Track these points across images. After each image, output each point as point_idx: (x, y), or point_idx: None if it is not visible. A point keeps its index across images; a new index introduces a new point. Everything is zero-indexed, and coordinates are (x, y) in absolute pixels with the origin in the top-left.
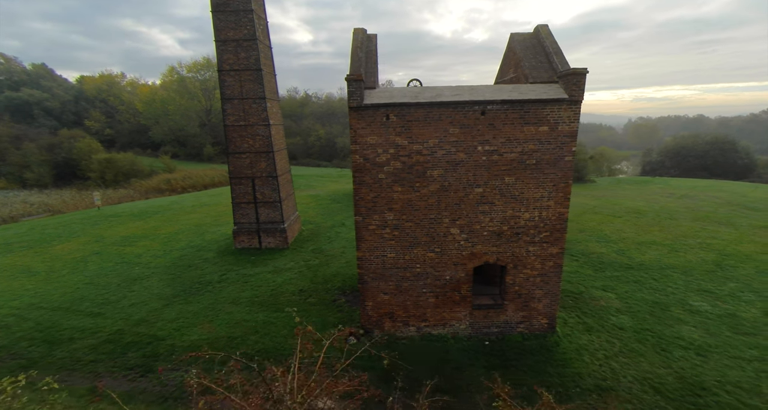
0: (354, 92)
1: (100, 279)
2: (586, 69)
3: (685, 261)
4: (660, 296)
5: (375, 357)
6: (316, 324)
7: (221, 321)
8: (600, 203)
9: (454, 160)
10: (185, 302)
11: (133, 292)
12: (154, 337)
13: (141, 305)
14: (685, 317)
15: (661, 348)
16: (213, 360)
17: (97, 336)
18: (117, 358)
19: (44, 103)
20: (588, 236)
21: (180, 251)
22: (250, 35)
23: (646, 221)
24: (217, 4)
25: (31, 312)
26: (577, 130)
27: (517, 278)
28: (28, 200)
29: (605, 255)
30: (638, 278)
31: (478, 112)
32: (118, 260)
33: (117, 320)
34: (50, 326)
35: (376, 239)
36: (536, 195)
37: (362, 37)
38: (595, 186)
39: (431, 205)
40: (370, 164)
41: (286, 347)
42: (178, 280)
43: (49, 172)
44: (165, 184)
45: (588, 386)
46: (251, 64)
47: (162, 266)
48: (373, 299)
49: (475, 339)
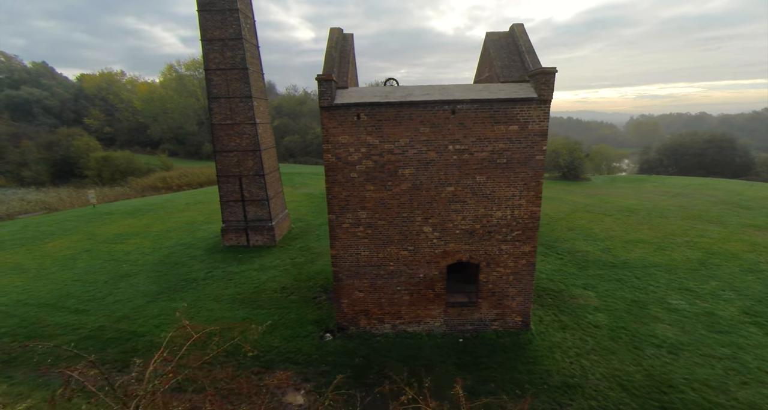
0: (325, 92)
1: (88, 276)
2: (555, 68)
3: (670, 260)
4: (640, 295)
5: (350, 355)
6: (294, 321)
7: (201, 317)
8: (593, 201)
9: (425, 159)
10: (169, 300)
11: (119, 289)
12: (134, 333)
13: (125, 302)
14: (662, 315)
15: (634, 346)
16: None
17: (78, 332)
18: (96, 354)
19: (44, 101)
20: (576, 235)
21: (169, 248)
22: (236, 34)
23: (636, 220)
24: (203, 4)
25: (18, 309)
26: (547, 129)
27: (490, 276)
28: (25, 197)
29: (591, 253)
30: (621, 277)
31: (448, 111)
32: (107, 258)
33: (100, 316)
34: (34, 322)
35: (350, 238)
36: (508, 194)
37: (337, 37)
38: (590, 184)
39: (403, 203)
40: (342, 162)
41: (262, 344)
42: (164, 277)
43: (47, 170)
44: (161, 182)
45: (556, 383)
46: (237, 63)
47: (150, 263)
48: (348, 297)
49: (450, 337)
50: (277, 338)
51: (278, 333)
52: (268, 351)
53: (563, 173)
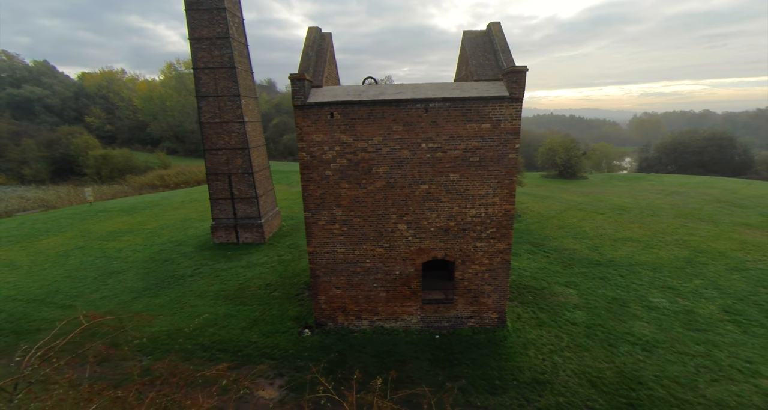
0: (298, 91)
1: (79, 273)
2: (525, 67)
3: (656, 258)
4: (621, 293)
5: (326, 350)
6: (274, 317)
7: (185, 314)
8: (586, 199)
9: (398, 157)
10: (154, 296)
11: (107, 285)
12: (119, 328)
13: (111, 298)
14: (641, 313)
15: (609, 344)
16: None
17: (63, 327)
18: (78, 348)
19: (45, 99)
20: (566, 233)
21: (160, 246)
22: (224, 33)
23: (628, 218)
24: (190, 3)
25: (7, 304)
26: (519, 127)
27: (465, 273)
28: (24, 195)
29: (578, 252)
30: (605, 275)
31: (420, 110)
32: (99, 255)
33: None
34: (22, 317)
35: (326, 235)
36: (481, 192)
37: (315, 36)
38: (586, 183)
39: (378, 201)
40: (316, 161)
41: (241, 339)
42: (152, 274)
43: (46, 168)
44: (159, 180)
45: (526, 379)
46: (225, 62)
47: (140, 260)
48: (325, 294)
49: (426, 333)
50: (256, 333)
51: (258, 328)
52: (246, 346)
53: (560, 171)
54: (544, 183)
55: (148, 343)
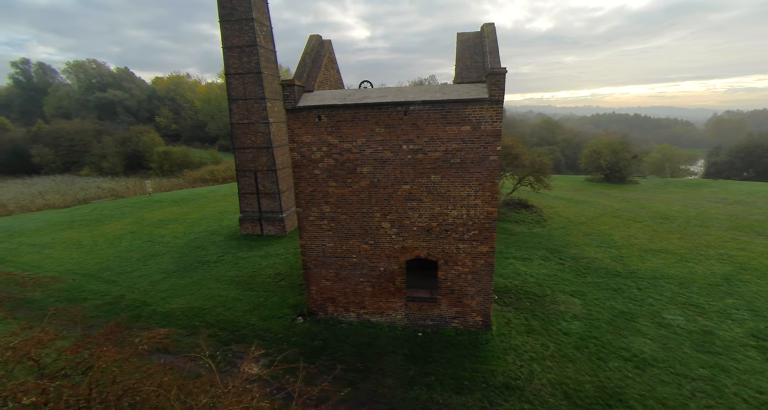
0: (288, 96)
1: (127, 254)
2: (505, 69)
3: (688, 272)
4: (632, 306)
5: (313, 337)
6: (275, 304)
7: (200, 294)
8: (626, 206)
9: (381, 158)
10: (180, 277)
11: (146, 266)
12: (144, 303)
13: (146, 277)
14: (647, 329)
15: (599, 357)
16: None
17: (103, 298)
18: (110, 317)
19: (125, 102)
20: (590, 241)
21: (197, 234)
22: (251, 42)
23: (669, 228)
24: (223, 15)
25: (68, 276)
26: (500, 129)
27: (449, 273)
28: (101, 185)
29: (597, 261)
30: (620, 286)
31: (401, 112)
32: (146, 239)
33: (123, 287)
34: (75, 287)
35: (316, 230)
36: (463, 193)
37: (314, 44)
38: (634, 188)
39: (363, 199)
40: (306, 160)
41: (241, 320)
42: (183, 258)
43: (121, 162)
44: (209, 174)
45: (496, 383)
46: (252, 67)
47: (177, 246)
48: (316, 285)
49: (410, 330)
50: (256, 316)
51: (258, 312)
52: (244, 327)
53: (606, 175)
54: (584, 187)
55: (163, 318)
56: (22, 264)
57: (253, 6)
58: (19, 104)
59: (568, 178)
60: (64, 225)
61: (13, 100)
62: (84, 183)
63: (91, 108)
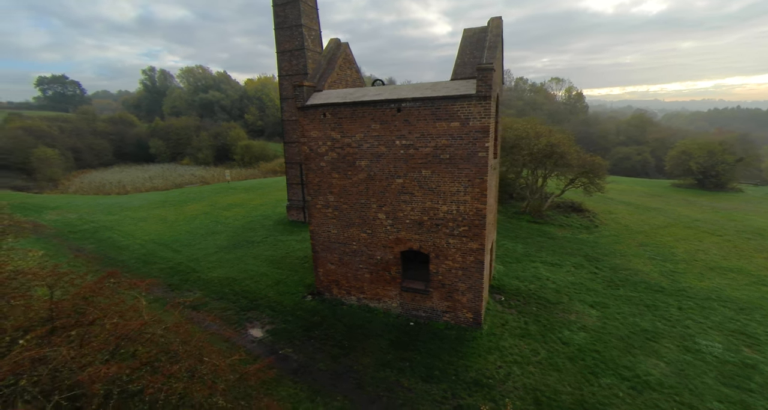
0: (299, 96)
1: (195, 230)
2: (491, 65)
3: (759, 297)
4: (661, 326)
5: (314, 313)
6: (294, 282)
7: (238, 268)
8: (709, 217)
9: (376, 152)
10: (227, 252)
11: (206, 241)
12: (193, 270)
13: (203, 250)
14: (668, 352)
15: (591, 372)
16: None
17: (167, 263)
18: (166, 278)
19: (221, 101)
20: (644, 252)
21: (253, 218)
22: (300, 46)
23: (756, 245)
24: (278, 23)
25: (148, 245)
26: (488, 125)
27: (440, 267)
28: (194, 173)
29: (640, 273)
30: (656, 304)
31: (394, 109)
32: (213, 220)
33: (183, 257)
34: (150, 253)
35: (322, 217)
36: (452, 189)
37: (331, 47)
38: (733, 197)
39: (361, 191)
40: (314, 153)
41: (261, 293)
42: (235, 237)
43: (212, 154)
44: (279, 166)
45: (466, 378)
46: (300, 69)
47: (234, 227)
48: (323, 267)
49: (403, 318)
50: (274, 291)
51: (277, 288)
52: (262, 299)
53: (698, 180)
54: (665, 193)
55: (203, 283)
56: (122, 232)
57: (303, 13)
58: (146, 104)
59: (650, 182)
60: (158, 204)
61: (142, 101)
62: (182, 171)
63: (196, 107)
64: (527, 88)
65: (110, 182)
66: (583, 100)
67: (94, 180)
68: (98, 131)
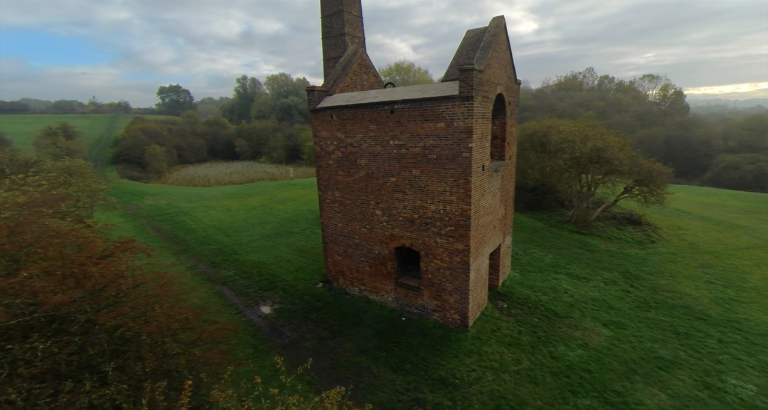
0: (311, 99)
1: (250, 219)
2: (473, 66)
3: None
4: (684, 357)
5: (318, 299)
6: (311, 270)
7: (270, 253)
8: None
9: (374, 152)
10: (266, 240)
11: (254, 229)
12: (234, 252)
13: (248, 236)
14: (678, 386)
15: (571, 390)
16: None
17: (217, 245)
18: (212, 257)
19: (298, 105)
20: (701, 274)
21: (300, 211)
22: (342, 53)
23: None
24: (325, 33)
25: (210, 229)
26: (472, 126)
27: (429, 266)
28: (267, 170)
29: (686, 297)
30: (691, 332)
31: (387, 111)
32: (267, 211)
33: (232, 241)
34: (208, 236)
35: (330, 211)
36: (439, 189)
37: (349, 54)
38: None
39: (361, 188)
40: (323, 152)
41: (280, 277)
42: (279, 228)
43: (285, 153)
44: None
45: (434, 375)
46: None
47: (281, 218)
48: (331, 258)
49: (397, 313)
50: (292, 276)
51: (295, 274)
52: (279, 281)
53: None
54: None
55: (238, 264)
56: (194, 217)
57: (346, 23)
58: (238, 109)
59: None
60: (228, 196)
61: (235, 106)
62: (258, 167)
63: (277, 111)
64: (613, 88)
65: (199, 176)
66: (683, 100)
67: (188, 174)
68: (197, 132)
